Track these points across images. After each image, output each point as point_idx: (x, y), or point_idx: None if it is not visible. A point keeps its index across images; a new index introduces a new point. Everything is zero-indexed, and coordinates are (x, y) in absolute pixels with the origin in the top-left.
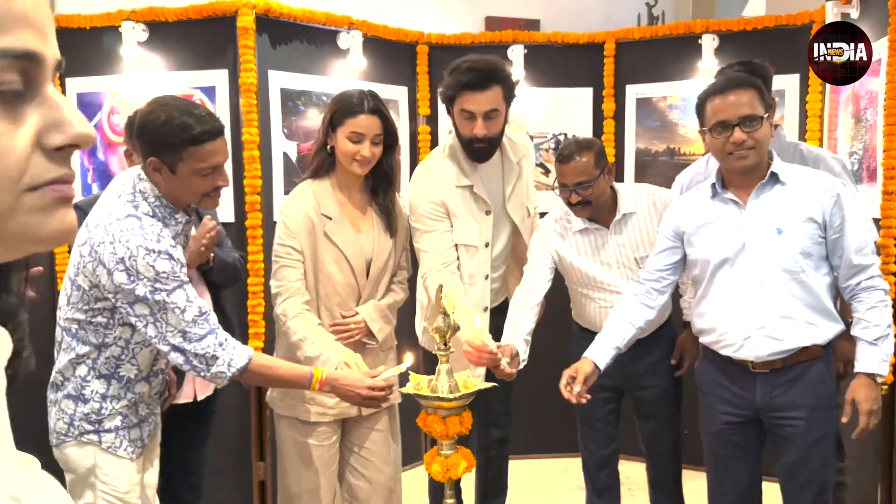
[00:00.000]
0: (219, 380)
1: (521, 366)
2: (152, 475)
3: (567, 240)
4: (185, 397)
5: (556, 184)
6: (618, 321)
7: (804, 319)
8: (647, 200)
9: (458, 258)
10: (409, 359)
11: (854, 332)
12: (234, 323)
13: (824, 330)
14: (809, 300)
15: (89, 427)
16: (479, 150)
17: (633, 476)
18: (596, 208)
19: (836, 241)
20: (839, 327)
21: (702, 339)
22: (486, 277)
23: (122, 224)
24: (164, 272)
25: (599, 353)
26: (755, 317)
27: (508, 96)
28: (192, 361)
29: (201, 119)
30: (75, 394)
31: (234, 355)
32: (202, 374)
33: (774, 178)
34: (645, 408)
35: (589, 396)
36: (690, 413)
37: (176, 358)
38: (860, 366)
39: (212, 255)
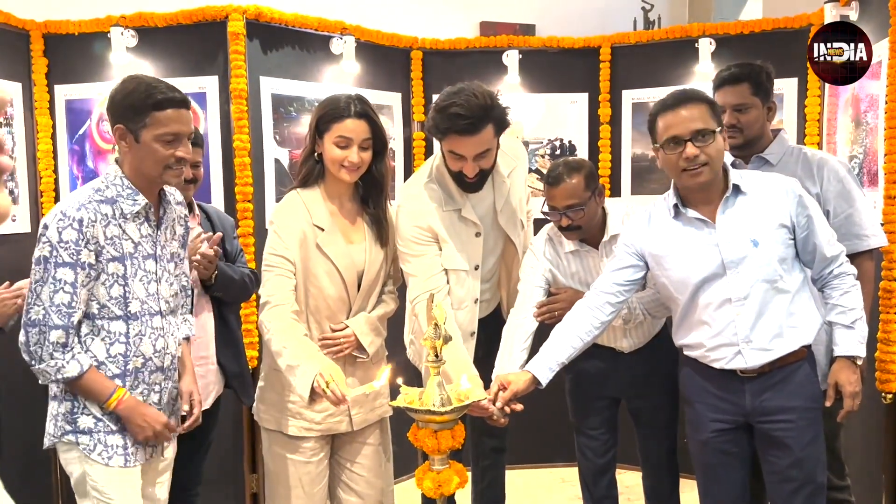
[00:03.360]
0: (40, 376)
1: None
2: (162, 491)
3: (559, 261)
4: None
5: (546, 206)
6: (566, 335)
7: (788, 325)
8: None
9: (447, 282)
10: (384, 374)
11: (830, 317)
12: (240, 338)
13: (807, 329)
14: (790, 304)
15: (68, 427)
16: (470, 184)
17: (633, 486)
18: (586, 230)
19: (806, 239)
20: (819, 320)
21: (687, 353)
22: (476, 301)
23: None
24: (65, 241)
25: (542, 369)
26: (742, 331)
27: (500, 129)
28: (30, 346)
29: (168, 88)
30: (54, 392)
31: (67, 363)
32: (30, 362)
33: (736, 189)
34: (642, 417)
35: (517, 407)
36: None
37: (21, 336)
38: (840, 349)
39: (214, 272)
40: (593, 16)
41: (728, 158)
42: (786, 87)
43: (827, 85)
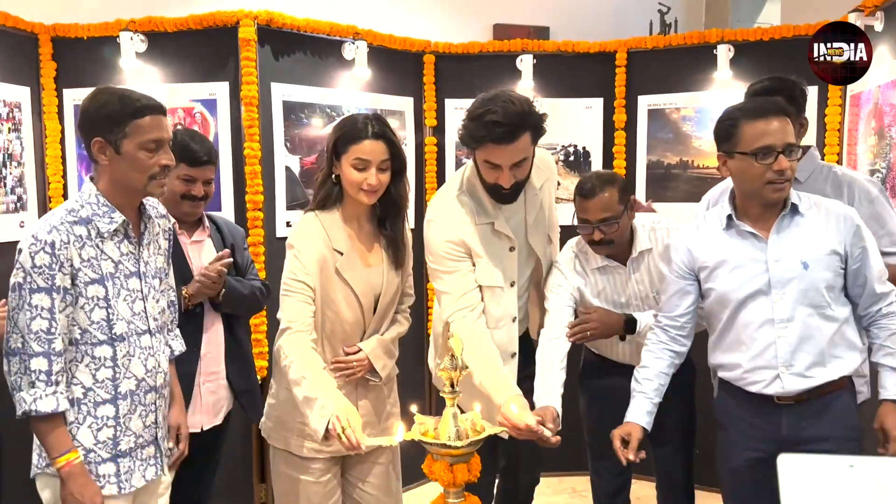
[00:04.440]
0: (17, 406)
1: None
2: None
3: (587, 278)
4: (190, 427)
5: (577, 220)
6: (650, 376)
7: (831, 354)
8: (662, 234)
9: (482, 299)
10: (400, 431)
11: (877, 358)
12: (249, 353)
13: (849, 361)
14: (834, 334)
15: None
16: (505, 195)
17: (644, 497)
18: (616, 245)
19: (857, 271)
20: (861, 356)
21: (721, 374)
22: (514, 320)
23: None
24: (38, 266)
25: (642, 415)
26: (784, 355)
27: (537, 137)
28: (10, 375)
29: (142, 96)
30: None
31: (45, 397)
32: (11, 391)
33: (794, 209)
34: (659, 435)
35: (643, 455)
36: (702, 434)
37: (4, 364)
38: (887, 393)
39: (222, 289)
40: (609, 19)
41: None
42: None
43: (848, 95)
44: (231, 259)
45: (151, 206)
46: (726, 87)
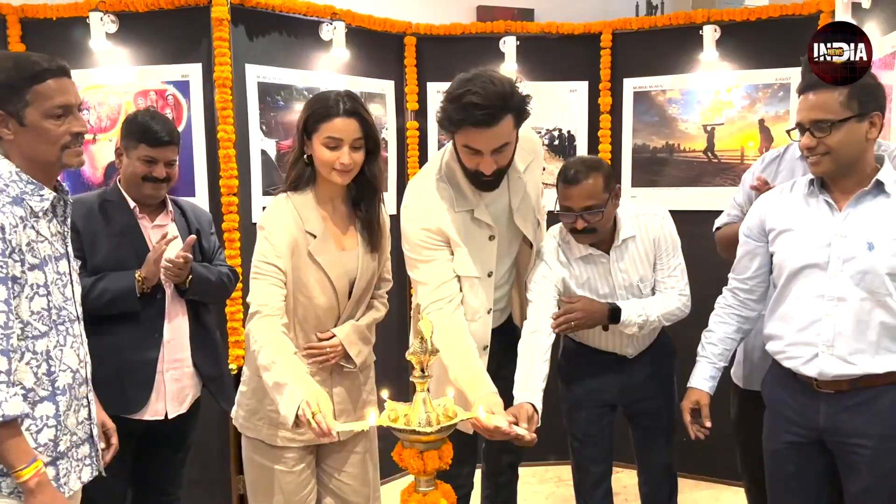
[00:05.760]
0: None
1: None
2: None
3: (570, 268)
4: (152, 414)
5: (559, 207)
6: (714, 340)
7: (881, 345)
8: (646, 220)
9: (460, 289)
10: (372, 416)
11: None
12: (217, 339)
13: None
14: (890, 325)
15: None
16: (486, 182)
17: (630, 486)
18: (599, 234)
19: None
20: None
21: (768, 347)
22: (489, 311)
23: None
24: None
25: (705, 381)
26: (827, 334)
27: (520, 121)
28: None
29: (42, 58)
30: None
31: (9, 399)
32: None
33: (879, 186)
34: (642, 422)
35: (710, 425)
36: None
37: None
38: None
39: (188, 276)
40: (594, 1)
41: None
42: (793, 77)
43: None
44: (193, 239)
45: (62, 187)
46: (712, 69)
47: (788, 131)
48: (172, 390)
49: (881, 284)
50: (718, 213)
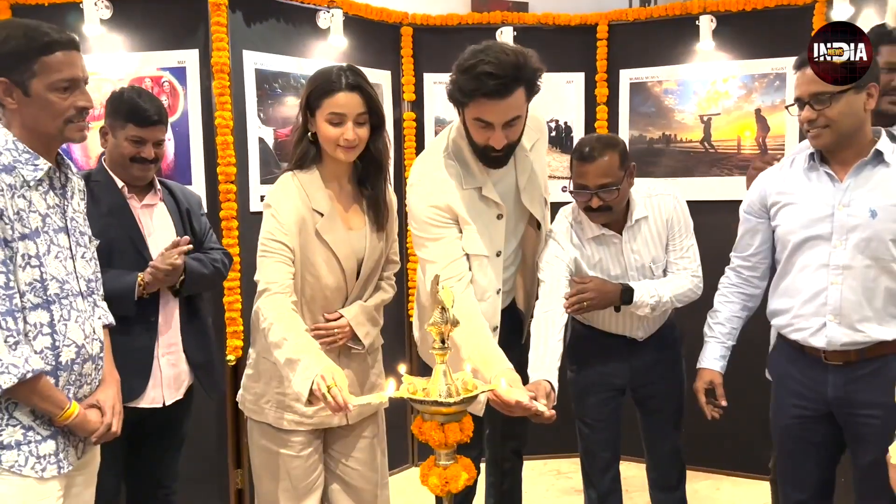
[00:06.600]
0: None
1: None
2: (87, 500)
3: (583, 248)
4: (149, 402)
5: (573, 185)
6: (721, 320)
7: (888, 312)
8: (659, 200)
9: (470, 269)
10: (390, 385)
11: None
12: (209, 325)
13: None
14: None
15: None
16: (496, 158)
17: (631, 477)
18: (614, 213)
19: None
20: None
21: (774, 322)
22: (498, 292)
23: None
24: None
25: (716, 360)
26: (834, 303)
27: (531, 94)
28: None
29: (52, 30)
30: None
31: (33, 354)
32: None
33: (878, 156)
34: (649, 405)
35: (725, 404)
36: (694, 413)
37: None
38: None
39: (181, 277)
40: None
41: None
42: (789, 67)
43: None
44: (190, 246)
45: (66, 162)
46: (709, 59)
47: (787, 107)
48: (169, 376)
49: (885, 251)
50: (715, 202)
